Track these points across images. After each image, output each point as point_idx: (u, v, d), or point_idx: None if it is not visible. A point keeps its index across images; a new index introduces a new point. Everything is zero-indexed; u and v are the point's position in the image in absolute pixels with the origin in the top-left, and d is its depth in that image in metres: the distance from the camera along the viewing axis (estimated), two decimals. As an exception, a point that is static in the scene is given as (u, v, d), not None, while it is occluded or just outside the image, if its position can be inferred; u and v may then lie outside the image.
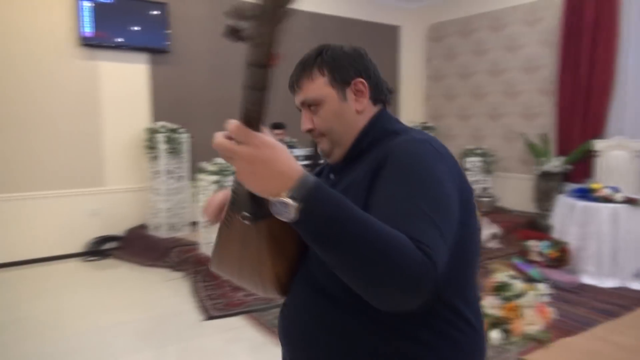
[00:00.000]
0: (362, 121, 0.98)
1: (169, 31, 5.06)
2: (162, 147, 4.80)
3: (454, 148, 6.12)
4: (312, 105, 0.97)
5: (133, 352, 2.85)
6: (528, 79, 5.92)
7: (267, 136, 0.72)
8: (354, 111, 0.97)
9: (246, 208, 0.83)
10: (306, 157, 4.93)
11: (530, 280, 3.01)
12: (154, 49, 5.05)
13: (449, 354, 0.87)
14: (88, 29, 4.62)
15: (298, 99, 1.00)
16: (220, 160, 4.04)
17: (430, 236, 0.72)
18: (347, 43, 1.02)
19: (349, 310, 0.86)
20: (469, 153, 6.17)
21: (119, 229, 4.97)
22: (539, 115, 5.84)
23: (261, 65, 0.66)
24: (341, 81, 0.96)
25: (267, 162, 0.70)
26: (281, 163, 0.71)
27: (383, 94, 1.02)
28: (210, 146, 0.76)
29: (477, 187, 5.94)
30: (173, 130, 4.89)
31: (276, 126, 4.95)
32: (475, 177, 6.00)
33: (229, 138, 0.71)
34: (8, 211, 4.43)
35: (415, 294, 0.69)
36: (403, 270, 0.67)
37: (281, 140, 5.02)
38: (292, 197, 0.69)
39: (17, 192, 4.47)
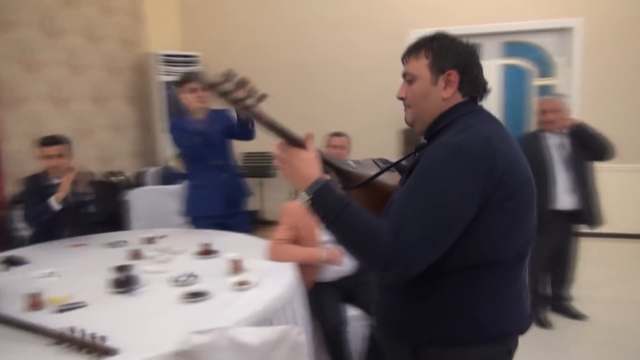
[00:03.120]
0: (444, 107, 1.16)
1: None
2: None
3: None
4: (409, 79, 1.18)
5: None
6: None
7: (298, 150, 1.13)
8: (440, 97, 1.15)
9: (339, 182, 1.26)
10: None
11: None
12: None
13: (464, 310, 1.10)
14: None
15: (403, 69, 1.21)
16: None
17: (406, 228, 0.99)
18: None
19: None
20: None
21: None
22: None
23: (256, 117, 1.05)
24: (438, 68, 1.14)
25: (295, 168, 1.13)
26: (304, 169, 1.12)
27: (476, 90, 1.17)
28: None
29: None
30: None
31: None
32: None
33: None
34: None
35: (383, 269, 1.01)
36: (367, 252, 1.03)
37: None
38: (307, 192, 1.10)
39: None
